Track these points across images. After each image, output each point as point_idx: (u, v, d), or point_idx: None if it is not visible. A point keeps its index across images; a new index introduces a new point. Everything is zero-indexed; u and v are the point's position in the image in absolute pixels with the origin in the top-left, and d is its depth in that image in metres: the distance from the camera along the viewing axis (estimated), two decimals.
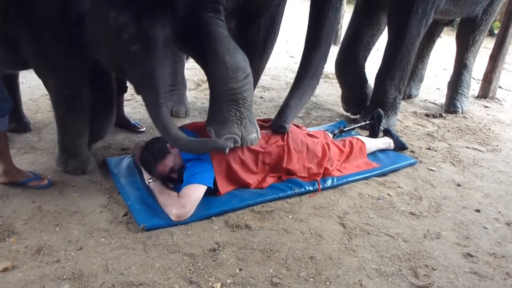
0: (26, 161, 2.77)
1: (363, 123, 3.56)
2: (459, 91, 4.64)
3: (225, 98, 2.46)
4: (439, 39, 5.09)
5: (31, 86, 3.90)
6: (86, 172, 2.69)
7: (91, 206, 2.37)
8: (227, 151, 2.27)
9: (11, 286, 1.78)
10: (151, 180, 2.49)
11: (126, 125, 3.42)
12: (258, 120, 3.00)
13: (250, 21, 2.85)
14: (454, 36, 4.81)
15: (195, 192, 2.34)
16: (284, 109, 2.81)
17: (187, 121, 3.64)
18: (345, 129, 3.41)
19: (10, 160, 2.48)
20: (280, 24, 2.98)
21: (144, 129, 3.42)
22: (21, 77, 3.21)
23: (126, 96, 3.86)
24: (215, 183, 2.49)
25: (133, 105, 3.89)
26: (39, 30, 2.35)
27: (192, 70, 4.92)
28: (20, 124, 3.16)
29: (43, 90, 2.65)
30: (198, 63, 2.68)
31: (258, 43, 2.92)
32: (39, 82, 2.68)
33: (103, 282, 1.84)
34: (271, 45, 3.01)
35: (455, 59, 4.75)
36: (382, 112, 3.54)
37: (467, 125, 4.25)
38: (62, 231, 2.15)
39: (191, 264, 1.99)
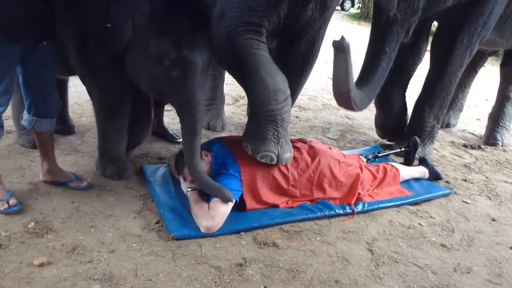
0: (68, 162, 2.89)
1: (398, 150, 3.53)
2: (500, 124, 4.53)
3: (265, 118, 2.54)
4: (482, 68, 4.99)
5: (77, 91, 4.07)
6: (123, 178, 2.78)
7: (126, 211, 2.45)
8: (230, 202, 2.37)
9: (45, 281, 1.86)
10: (189, 189, 2.55)
11: (164, 135, 3.52)
12: (291, 140, 3.04)
13: (291, 43, 2.90)
14: (498, 66, 4.71)
15: (224, 205, 2.38)
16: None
17: (223, 135, 3.70)
18: (380, 154, 3.39)
19: (54, 160, 2.60)
20: (320, 46, 3.02)
21: (181, 140, 3.50)
22: (69, 81, 3.37)
23: (166, 107, 3.98)
24: (242, 198, 2.53)
25: (172, 115, 3.99)
26: (85, 40, 2.48)
27: (231, 85, 5.01)
28: (65, 126, 3.31)
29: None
30: (239, 83, 2.76)
31: (297, 65, 2.97)
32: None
33: (132, 286, 1.89)
34: (310, 67, 3.05)
35: (498, 90, 4.64)
36: (418, 140, 3.51)
37: (507, 159, 4.13)
38: (96, 232, 2.23)
39: (217, 276, 2.02)
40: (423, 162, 3.41)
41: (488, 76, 7.18)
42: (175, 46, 2.21)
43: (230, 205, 2.41)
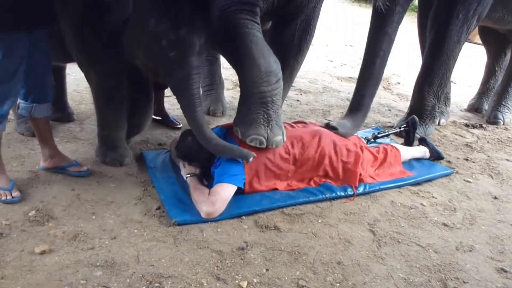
0: (68, 150, 2.87)
1: (397, 130, 3.51)
2: (503, 102, 4.50)
3: (255, 100, 2.53)
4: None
5: (76, 78, 4.04)
6: (123, 164, 2.77)
7: (127, 198, 2.44)
8: (250, 160, 2.39)
9: (47, 269, 1.86)
10: (188, 175, 2.54)
11: (165, 120, 3.50)
12: (292, 122, 3.04)
13: (286, 23, 2.89)
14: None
15: (225, 191, 2.38)
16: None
17: (224, 120, 3.69)
18: (379, 135, 3.37)
19: (54, 145, 2.59)
20: (316, 25, 3.00)
21: (181, 125, 3.49)
22: (67, 68, 3.34)
23: (166, 92, 3.95)
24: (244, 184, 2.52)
25: (172, 101, 3.96)
26: (82, 25, 2.44)
27: (231, 70, 4.94)
28: (64, 114, 3.29)
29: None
30: (230, 63, 2.75)
31: (293, 45, 2.95)
32: None
33: (134, 272, 1.89)
34: (307, 47, 3.04)
35: (506, 69, 4.59)
36: (417, 119, 3.49)
37: (509, 137, 4.11)
38: (98, 219, 2.23)
39: (219, 261, 2.03)
40: (423, 141, 3.40)
41: None
42: (174, 27, 2.18)
43: (232, 191, 2.41)
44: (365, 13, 11.47)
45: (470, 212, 2.70)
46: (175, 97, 2.45)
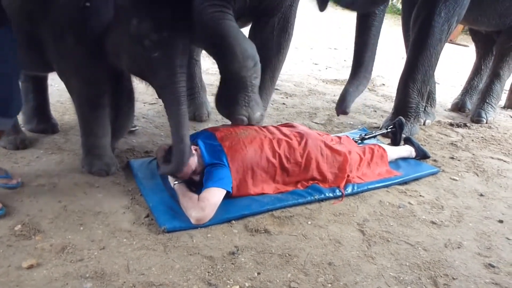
0: (53, 161, 2.84)
1: (384, 131, 3.55)
2: (487, 101, 4.56)
3: (234, 85, 2.68)
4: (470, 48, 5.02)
5: (59, 89, 4.00)
6: (110, 174, 2.74)
7: (114, 207, 2.42)
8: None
9: (35, 283, 1.83)
10: (176, 182, 2.52)
11: None
12: (279, 125, 3.05)
13: (264, 23, 2.98)
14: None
15: (214, 196, 2.37)
16: (344, 96, 3.17)
17: (208, 124, 3.68)
18: (366, 136, 3.39)
19: None
20: (294, 24, 3.09)
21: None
22: (50, 79, 3.30)
23: (151, 100, 3.95)
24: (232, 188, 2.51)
25: (157, 109, 3.96)
26: (63, 33, 2.42)
27: (215, 75, 4.97)
28: (48, 125, 3.25)
29: None
30: (209, 53, 2.89)
31: (273, 44, 3.04)
32: None
33: (124, 282, 1.88)
34: (286, 45, 3.12)
35: (490, 68, 4.68)
36: (403, 120, 3.52)
37: (492, 135, 4.18)
38: (86, 230, 2.20)
39: (210, 266, 2.02)
40: (408, 141, 3.43)
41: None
42: (157, 27, 2.17)
43: (221, 195, 2.40)
44: (349, 16, 11.54)
45: (457, 210, 2.73)
46: (160, 99, 2.42)
